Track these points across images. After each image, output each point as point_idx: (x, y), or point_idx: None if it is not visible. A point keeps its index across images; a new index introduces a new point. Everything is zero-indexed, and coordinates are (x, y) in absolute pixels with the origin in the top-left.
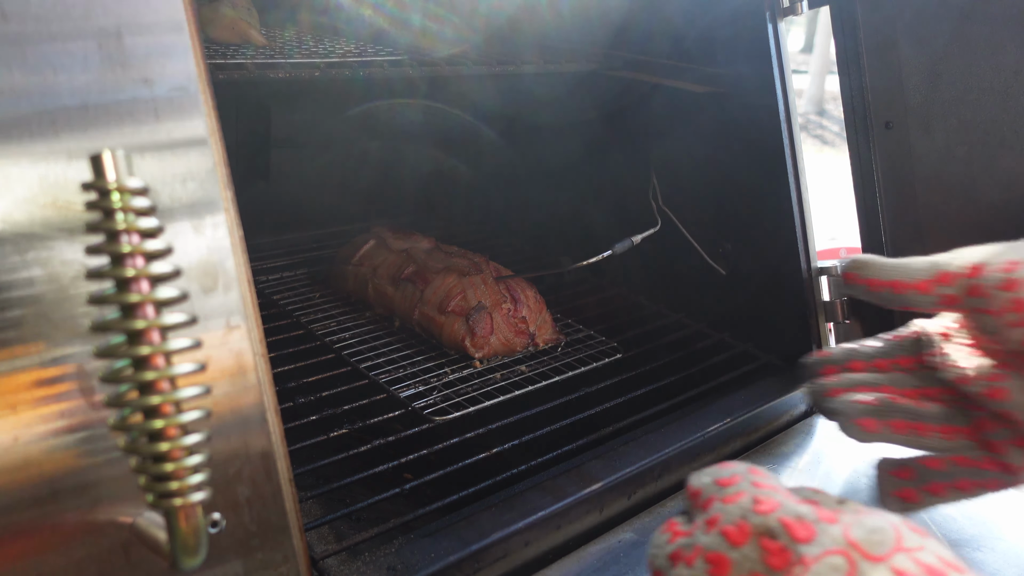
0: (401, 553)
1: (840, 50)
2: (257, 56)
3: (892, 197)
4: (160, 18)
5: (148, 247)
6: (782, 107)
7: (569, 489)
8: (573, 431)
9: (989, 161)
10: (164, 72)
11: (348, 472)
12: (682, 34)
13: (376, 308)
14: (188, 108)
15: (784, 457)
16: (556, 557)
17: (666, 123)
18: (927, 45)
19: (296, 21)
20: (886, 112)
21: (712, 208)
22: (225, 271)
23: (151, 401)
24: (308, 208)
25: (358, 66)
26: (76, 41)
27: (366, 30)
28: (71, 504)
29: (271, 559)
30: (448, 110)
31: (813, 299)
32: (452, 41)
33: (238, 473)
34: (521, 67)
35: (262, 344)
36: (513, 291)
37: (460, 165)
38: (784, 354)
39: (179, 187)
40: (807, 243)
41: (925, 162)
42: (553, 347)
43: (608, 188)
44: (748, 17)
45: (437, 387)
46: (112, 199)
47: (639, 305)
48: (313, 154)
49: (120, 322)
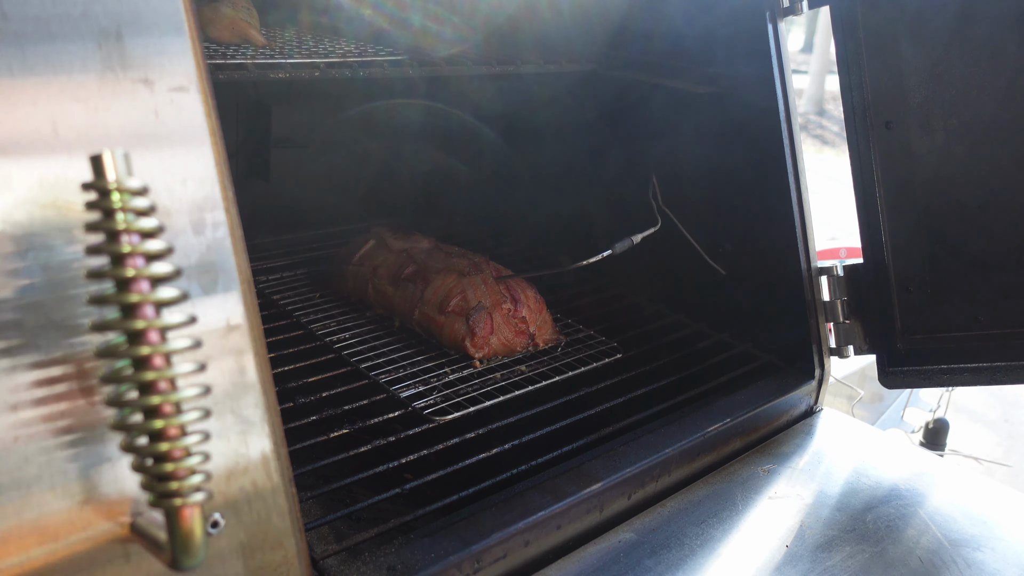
0: (401, 553)
1: (840, 50)
2: (257, 56)
3: (892, 197)
4: (160, 18)
5: (148, 247)
6: (782, 107)
7: (569, 489)
8: (573, 431)
9: (989, 161)
10: (164, 72)
11: (348, 472)
12: (682, 34)
13: (376, 308)
14: (188, 108)
15: (784, 457)
16: (556, 557)
17: (666, 123)
18: (927, 45)
19: (296, 21)
20: (886, 112)
21: (712, 208)
22: (225, 271)
23: (151, 401)
24: (308, 208)
25: (358, 66)
26: (76, 41)
27: (366, 30)
28: (71, 504)
29: (271, 559)
30: (448, 110)
31: (813, 299)
32: (452, 41)
33: (238, 473)
34: (521, 67)
35: (262, 344)
36: (513, 291)
37: (460, 165)
38: (784, 354)
39: (179, 187)
40: (807, 243)
41: (925, 162)
42: (553, 347)
43: (608, 188)
44: (748, 17)
45: (437, 387)
46: (112, 199)
47: (639, 305)
48: (313, 154)
49: (120, 322)
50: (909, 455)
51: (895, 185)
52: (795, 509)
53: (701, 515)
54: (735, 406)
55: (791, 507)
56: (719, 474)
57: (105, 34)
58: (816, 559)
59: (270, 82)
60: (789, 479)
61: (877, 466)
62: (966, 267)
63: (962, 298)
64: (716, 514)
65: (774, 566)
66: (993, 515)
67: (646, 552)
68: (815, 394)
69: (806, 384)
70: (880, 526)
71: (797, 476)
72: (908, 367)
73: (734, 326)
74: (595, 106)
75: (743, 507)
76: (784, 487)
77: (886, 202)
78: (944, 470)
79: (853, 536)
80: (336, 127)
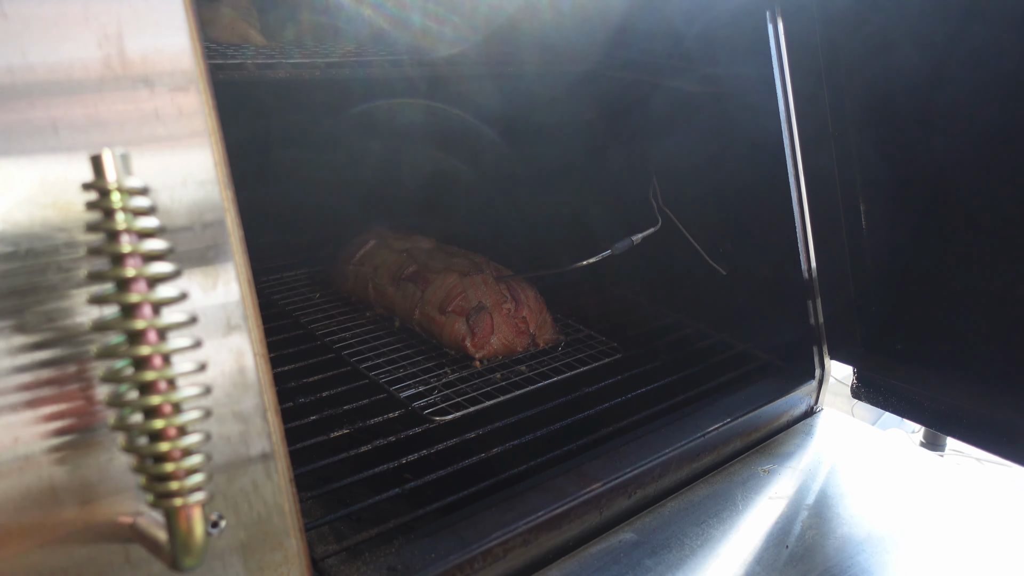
0: (401, 553)
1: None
2: (257, 56)
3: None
4: (160, 18)
5: (148, 247)
6: (782, 107)
7: (569, 489)
8: (573, 431)
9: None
10: (164, 72)
11: (348, 472)
12: (682, 34)
13: (376, 308)
14: (188, 108)
15: (784, 457)
16: (556, 557)
17: (666, 123)
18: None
19: (296, 21)
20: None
21: (712, 208)
22: (225, 271)
23: (151, 401)
24: (308, 208)
25: (358, 66)
26: (76, 41)
27: (366, 30)
28: (71, 504)
29: (271, 559)
30: (448, 110)
31: (814, 299)
32: (452, 41)
33: (238, 473)
34: (521, 67)
35: (262, 344)
36: (514, 291)
37: (460, 165)
38: (784, 354)
39: (179, 187)
40: (807, 243)
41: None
42: (553, 347)
43: (608, 188)
44: (748, 17)
45: (437, 387)
46: (112, 199)
47: (639, 305)
48: (313, 154)
49: (120, 322)
50: (909, 455)
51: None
52: (795, 509)
53: (701, 515)
54: (735, 406)
55: (791, 507)
56: (719, 474)
57: (105, 34)
58: (816, 560)
59: (270, 82)
60: (789, 479)
61: (877, 467)
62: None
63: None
64: (716, 514)
65: (774, 566)
66: (993, 515)
67: (646, 552)
68: (815, 394)
69: (806, 384)
70: (880, 526)
71: (797, 476)
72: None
73: (734, 326)
74: (595, 106)
75: (743, 507)
76: (784, 487)
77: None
78: (944, 470)
79: (853, 536)
80: (336, 127)
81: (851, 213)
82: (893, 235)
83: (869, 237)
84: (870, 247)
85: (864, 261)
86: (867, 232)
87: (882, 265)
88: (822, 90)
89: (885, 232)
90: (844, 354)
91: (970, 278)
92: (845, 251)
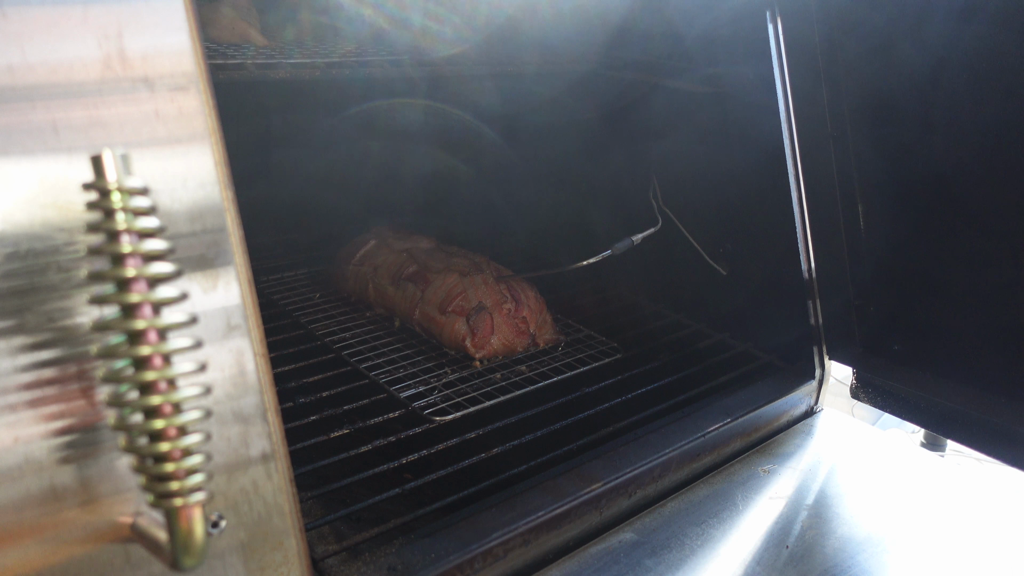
0: (401, 553)
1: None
2: (257, 56)
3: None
4: (160, 18)
5: (148, 247)
6: (782, 107)
7: (569, 489)
8: (573, 431)
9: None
10: (164, 72)
11: (348, 472)
12: (682, 34)
13: (376, 308)
14: (188, 108)
15: (784, 457)
16: (556, 557)
17: (666, 123)
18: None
19: (296, 21)
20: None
21: (712, 208)
22: (225, 271)
23: (151, 401)
24: (308, 208)
25: (358, 66)
26: (76, 41)
27: (366, 30)
28: (72, 504)
29: (271, 559)
30: (448, 110)
31: (813, 299)
32: (452, 41)
33: (238, 473)
34: (521, 67)
35: (262, 344)
36: (514, 291)
37: (460, 165)
38: (784, 354)
39: (179, 187)
40: (807, 243)
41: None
42: (553, 347)
43: (608, 188)
44: (748, 17)
45: (437, 387)
46: (112, 199)
47: (639, 305)
48: (313, 154)
49: (120, 322)
50: (909, 456)
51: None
52: (795, 510)
53: (701, 515)
54: (735, 406)
55: (791, 508)
56: (719, 474)
57: (105, 34)
58: (816, 560)
59: (270, 82)
60: (789, 479)
61: (877, 467)
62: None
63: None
64: (716, 514)
65: (774, 567)
66: (993, 515)
67: (646, 552)
68: (815, 394)
69: (806, 384)
70: (880, 526)
71: (797, 476)
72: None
73: (734, 326)
74: (595, 106)
75: (743, 507)
76: (784, 487)
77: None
78: (945, 471)
79: (854, 537)
80: (336, 127)
81: (850, 213)
82: (891, 236)
83: (867, 237)
84: (868, 247)
85: (863, 261)
86: (865, 232)
87: (880, 266)
88: (821, 90)
89: (883, 233)
90: (843, 354)
91: (968, 279)
92: (844, 251)
